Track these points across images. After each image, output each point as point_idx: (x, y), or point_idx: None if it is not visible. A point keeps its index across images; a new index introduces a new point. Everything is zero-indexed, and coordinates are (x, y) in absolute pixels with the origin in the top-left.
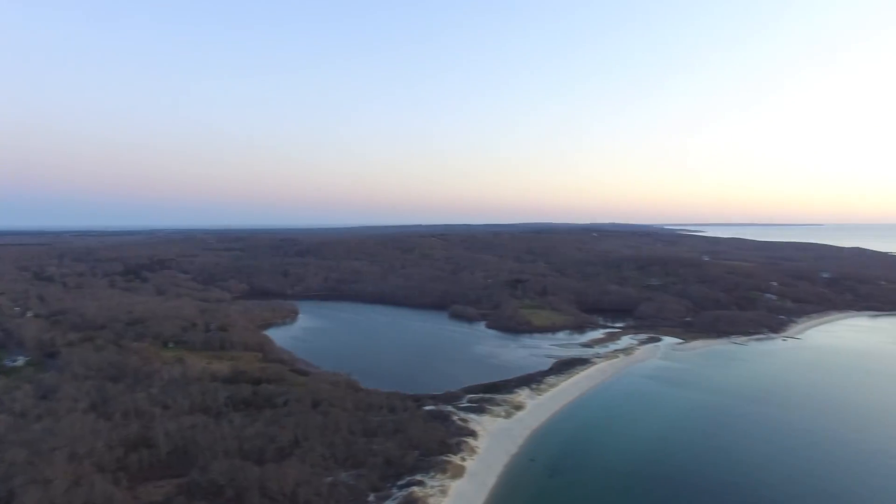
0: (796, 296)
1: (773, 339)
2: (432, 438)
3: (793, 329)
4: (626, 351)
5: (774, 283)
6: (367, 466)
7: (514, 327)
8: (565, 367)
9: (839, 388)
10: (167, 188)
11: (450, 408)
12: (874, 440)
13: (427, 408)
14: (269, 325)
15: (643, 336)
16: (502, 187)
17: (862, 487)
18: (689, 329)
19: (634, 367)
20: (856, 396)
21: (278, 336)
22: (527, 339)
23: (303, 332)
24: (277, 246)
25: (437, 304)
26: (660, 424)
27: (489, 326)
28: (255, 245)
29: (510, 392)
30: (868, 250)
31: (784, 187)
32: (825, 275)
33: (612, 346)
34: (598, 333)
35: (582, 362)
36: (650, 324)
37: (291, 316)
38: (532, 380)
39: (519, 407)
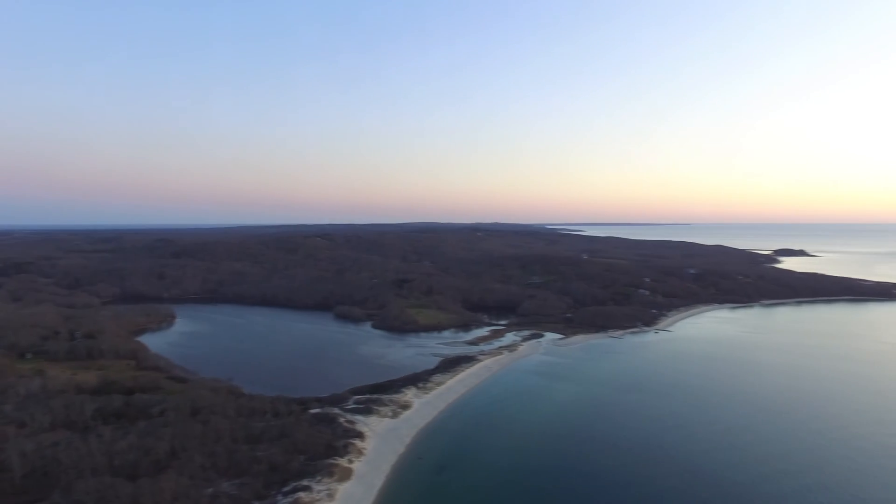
0: (666, 291)
1: (646, 331)
2: (318, 442)
3: (664, 322)
4: (510, 347)
5: (647, 280)
6: (251, 474)
7: (401, 327)
8: (451, 365)
9: (703, 375)
10: (24, 184)
11: (336, 410)
12: (729, 419)
13: (313, 411)
14: (143, 331)
15: (526, 332)
16: (388, 187)
17: (718, 460)
18: (570, 324)
19: (518, 362)
20: (718, 382)
21: (153, 342)
22: (413, 339)
23: (180, 337)
24: (152, 247)
25: (322, 305)
26: (544, 417)
27: (375, 326)
28: (127, 246)
29: (397, 392)
30: (729, 248)
31: (656, 190)
32: (692, 271)
33: (497, 343)
34: (483, 331)
35: (468, 360)
36: (533, 320)
37: (168, 320)
38: (419, 379)
39: (406, 406)
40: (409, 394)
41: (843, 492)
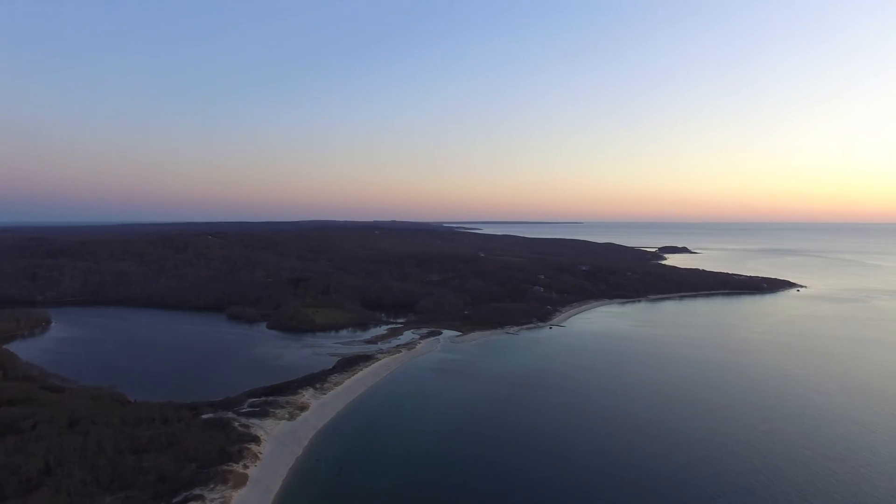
0: (560, 287)
1: (541, 327)
2: (211, 448)
3: (557, 317)
4: (409, 345)
5: (542, 276)
6: (137, 487)
7: (297, 327)
8: (349, 364)
9: (596, 368)
10: None
11: (230, 414)
12: (618, 407)
13: (205, 416)
14: (12, 338)
15: (424, 330)
16: (283, 185)
17: (605, 443)
18: (468, 321)
19: (417, 360)
20: (609, 374)
21: (25, 349)
22: (310, 339)
23: (57, 343)
24: (23, 245)
25: (215, 306)
26: (443, 414)
27: (270, 327)
28: None
29: (294, 393)
30: (618, 245)
31: (550, 189)
32: (584, 268)
33: (395, 342)
34: (381, 329)
35: (366, 359)
36: (431, 318)
37: (42, 325)
38: (316, 379)
39: (303, 407)
40: (307, 395)
41: (715, 467)
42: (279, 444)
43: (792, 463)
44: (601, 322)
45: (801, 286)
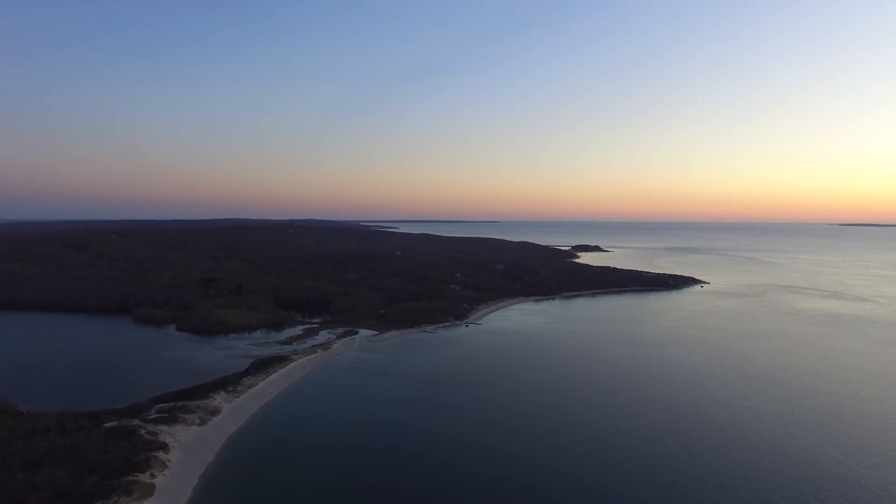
0: (476, 285)
1: (457, 325)
2: (115, 458)
3: (474, 315)
4: (325, 346)
5: (458, 275)
6: None
7: (208, 328)
8: (263, 366)
9: (512, 365)
10: None
11: (136, 421)
12: (532, 401)
13: (108, 425)
14: None
15: (340, 330)
16: (194, 181)
17: (517, 438)
18: (384, 320)
19: (333, 360)
20: (526, 370)
21: None
22: (222, 340)
23: None
24: None
25: (119, 309)
26: (360, 414)
27: (180, 329)
28: None
29: (205, 397)
30: (533, 244)
31: (466, 188)
32: (500, 266)
33: (311, 342)
34: (296, 330)
35: (280, 360)
36: (347, 317)
37: None
38: (228, 382)
39: (215, 412)
40: (219, 398)
41: (617, 456)
42: (189, 450)
43: (689, 447)
44: (517, 319)
45: (705, 282)
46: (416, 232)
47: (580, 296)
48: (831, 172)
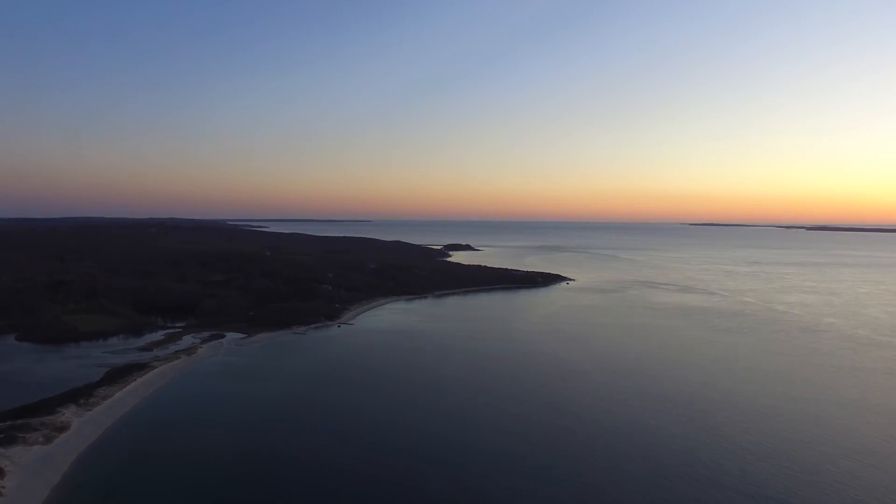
0: (349, 285)
1: (329, 326)
2: None
3: (346, 315)
4: (189, 351)
5: (330, 275)
6: None
7: (57, 337)
8: (120, 375)
9: (386, 364)
10: None
11: None
12: (403, 400)
13: None
14: None
15: (206, 334)
16: (41, 175)
17: (393, 437)
18: (254, 323)
19: (198, 366)
20: (399, 369)
21: None
22: (73, 349)
23: None
24: None
25: None
26: (227, 421)
27: (22, 338)
28: None
29: (52, 412)
30: (405, 243)
31: (338, 187)
32: (372, 266)
33: (174, 348)
34: (157, 335)
35: (140, 368)
36: (214, 320)
37: None
38: (80, 394)
39: (63, 428)
40: (68, 413)
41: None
42: (31, 473)
43: (558, 442)
44: (389, 318)
45: (570, 279)
46: (286, 231)
47: (452, 294)
48: (681, 177)
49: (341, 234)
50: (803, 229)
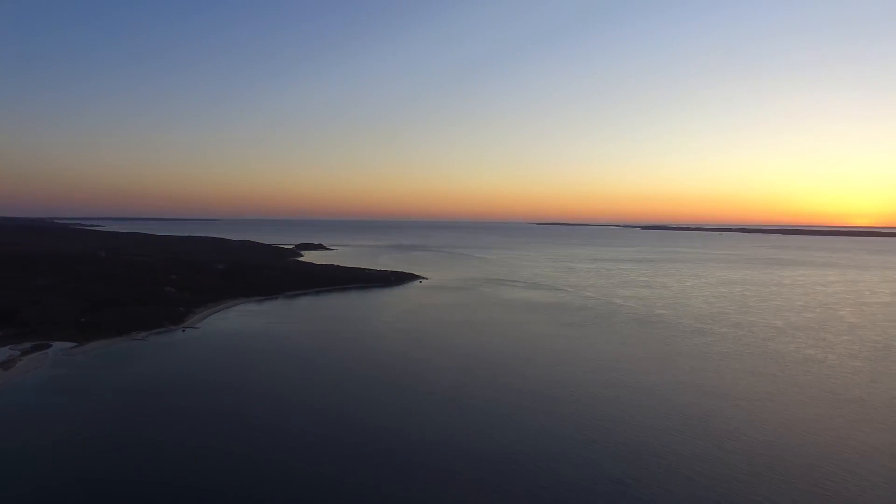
0: (195, 287)
1: (173, 330)
2: None
3: (192, 319)
4: (5, 365)
5: (174, 276)
6: None
7: None
8: None
9: (234, 369)
10: None
11: None
12: (251, 406)
13: None
14: None
15: (28, 345)
16: None
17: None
18: (87, 330)
19: (16, 381)
20: (246, 375)
21: None
22: None
23: None
24: None
25: None
26: (50, 443)
27: None
28: None
29: None
30: (256, 243)
31: (182, 183)
32: (220, 266)
33: None
34: None
35: None
36: (38, 329)
37: None
38: None
39: None
40: None
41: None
42: None
43: (398, 434)
44: (238, 321)
45: (424, 278)
46: (124, 231)
47: (304, 294)
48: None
49: (186, 234)
50: (638, 228)
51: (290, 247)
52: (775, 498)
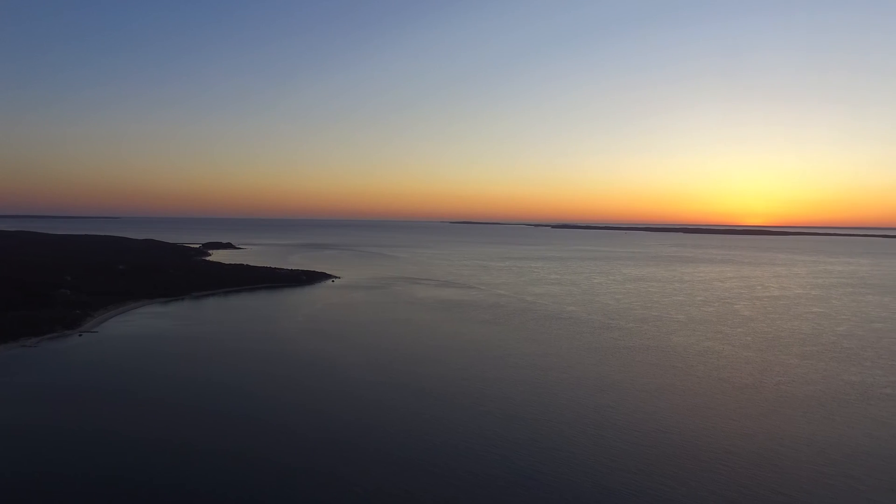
0: (94, 289)
1: (68, 335)
2: None
3: (90, 323)
4: None
5: (69, 278)
6: None
7: None
8: None
9: (133, 376)
10: None
11: None
12: (152, 415)
13: None
14: None
15: None
16: None
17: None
18: None
19: None
20: (148, 381)
21: None
22: None
23: None
24: None
25: None
26: None
27: None
28: None
29: None
30: (160, 242)
31: (77, 177)
32: (122, 267)
33: None
34: None
35: None
36: None
37: None
38: None
39: None
40: None
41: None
42: None
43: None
44: (141, 323)
45: (336, 277)
46: (11, 229)
47: (212, 295)
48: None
49: (84, 233)
50: (549, 227)
51: (197, 246)
52: (670, 483)
